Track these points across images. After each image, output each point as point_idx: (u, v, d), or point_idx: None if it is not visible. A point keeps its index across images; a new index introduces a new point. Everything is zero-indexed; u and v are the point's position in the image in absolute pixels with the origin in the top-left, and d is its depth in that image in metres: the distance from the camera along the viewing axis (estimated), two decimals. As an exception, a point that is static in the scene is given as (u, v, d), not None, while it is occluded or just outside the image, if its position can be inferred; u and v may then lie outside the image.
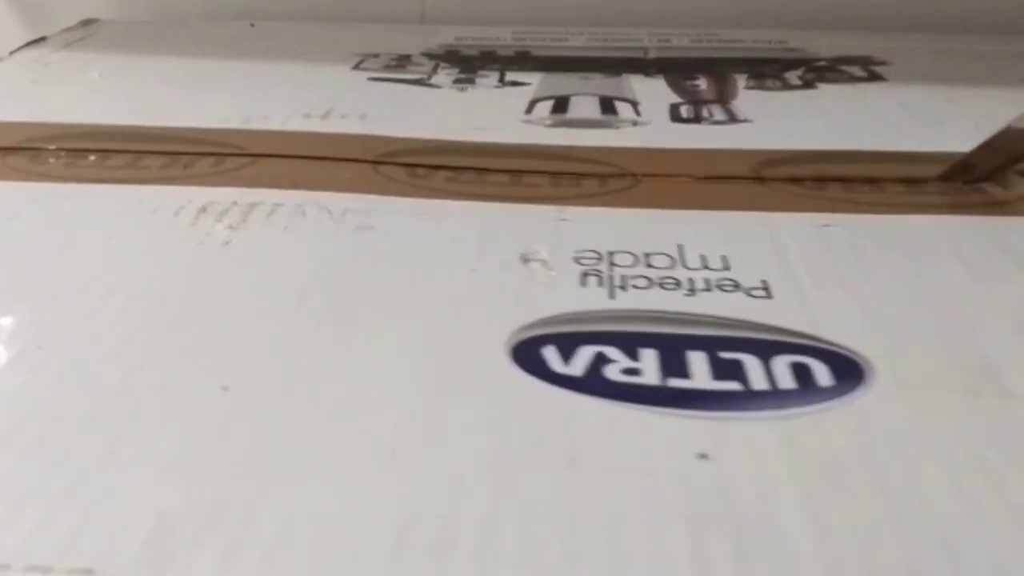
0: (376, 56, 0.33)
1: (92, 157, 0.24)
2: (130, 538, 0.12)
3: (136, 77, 0.31)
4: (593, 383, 0.15)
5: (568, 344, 0.16)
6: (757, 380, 0.15)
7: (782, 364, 0.16)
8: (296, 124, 0.26)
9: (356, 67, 0.32)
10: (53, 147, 0.25)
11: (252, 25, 0.38)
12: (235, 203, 0.22)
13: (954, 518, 0.12)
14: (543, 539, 0.12)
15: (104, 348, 0.16)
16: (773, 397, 0.15)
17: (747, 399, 0.15)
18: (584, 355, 0.16)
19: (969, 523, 0.12)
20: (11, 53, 0.34)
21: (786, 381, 0.15)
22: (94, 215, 0.21)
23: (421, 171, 0.24)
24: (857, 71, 0.32)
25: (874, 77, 0.31)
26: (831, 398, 0.15)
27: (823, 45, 0.35)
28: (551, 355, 0.16)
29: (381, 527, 0.12)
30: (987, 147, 0.23)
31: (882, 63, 0.33)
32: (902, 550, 0.12)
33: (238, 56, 0.33)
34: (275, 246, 0.20)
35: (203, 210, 0.21)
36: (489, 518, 0.12)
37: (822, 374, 0.16)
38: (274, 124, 0.26)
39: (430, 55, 0.34)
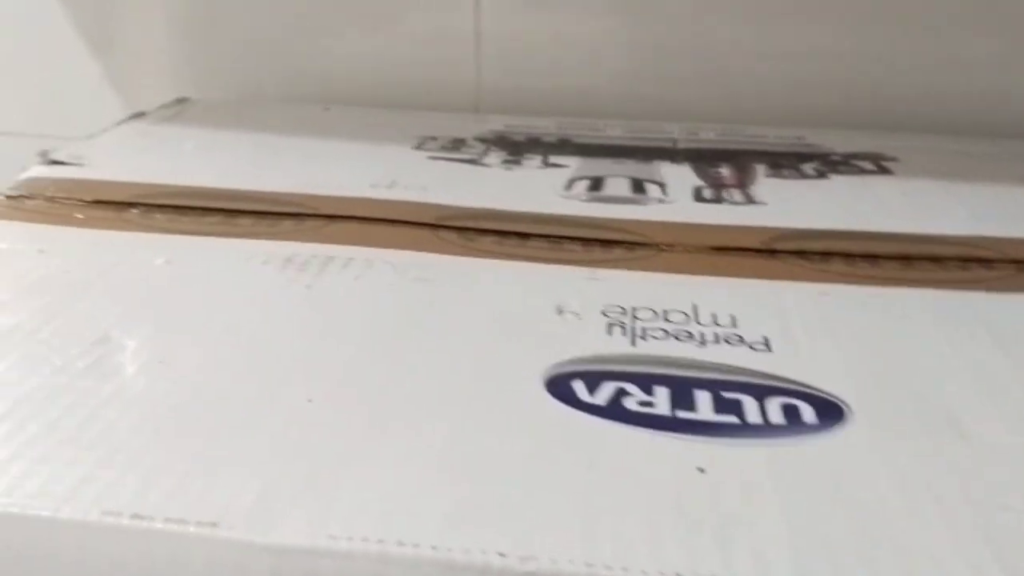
0: (435, 139, 0.38)
1: (191, 214, 0.29)
2: (243, 500, 0.15)
3: (224, 149, 0.36)
4: (614, 411, 0.18)
5: (593, 380, 0.20)
6: (752, 415, 0.18)
7: (774, 404, 0.19)
8: (365, 192, 0.30)
9: (417, 147, 0.36)
10: (159, 203, 0.29)
11: (326, 109, 0.42)
12: (314, 256, 0.25)
13: (905, 524, 0.15)
14: (566, 527, 0.15)
15: (212, 363, 0.20)
16: (765, 429, 0.18)
17: (742, 429, 0.18)
18: (607, 389, 0.19)
19: (921, 530, 0.15)
20: (117, 124, 0.39)
21: (776, 417, 0.18)
22: (197, 262, 0.25)
23: (472, 235, 0.27)
24: (867, 165, 0.35)
25: (882, 171, 0.35)
26: (814, 433, 0.18)
27: (837, 142, 0.38)
28: (579, 388, 0.19)
29: (437, 508, 0.15)
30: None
31: (891, 159, 0.36)
32: (863, 550, 0.15)
33: (313, 134, 0.37)
34: (349, 292, 0.23)
35: (288, 261, 0.25)
36: (523, 508, 0.15)
37: (808, 414, 0.18)
38: (346, 192, 0.30)
39: (482, 139, 0.38)
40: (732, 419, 0.18)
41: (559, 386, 0.19)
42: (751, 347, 0.21)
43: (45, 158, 0.33)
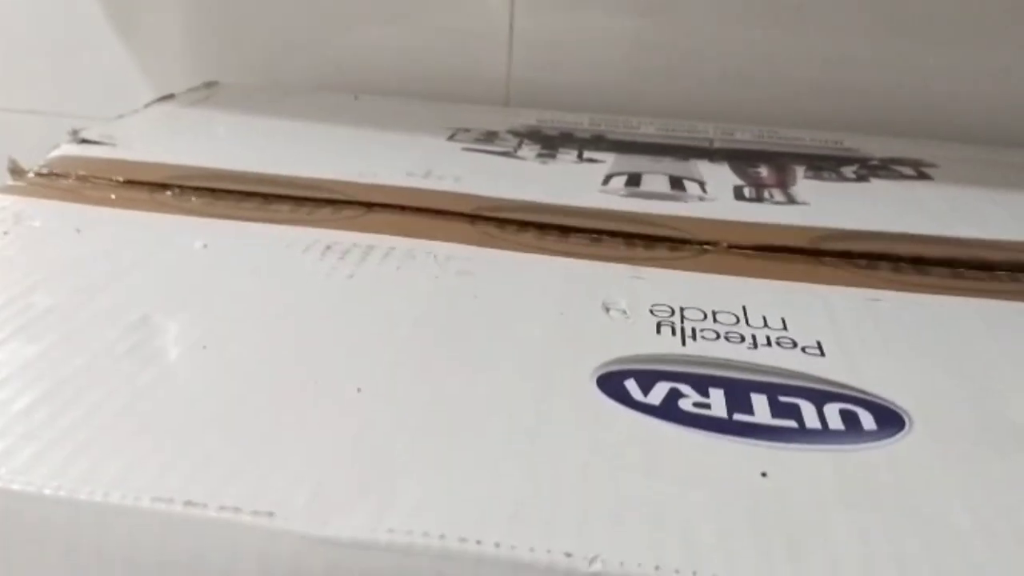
0: (467, 131, 0.37)
1: (227, 198, 0.28)
2: (299, 490, 0.15)
3: (256, 134, 0.35)
4: (669, 412, 0.18)
5: (646, 379, 0.19)
6: (810, 420, 0.18)
7: (833, 410, 0.18)
8: (401, 181, 0.30)
9: (450, 138, 0.36)
10: (193, 185, 0.29)
11: (356, 98, 0.42)
12: (355, 245, 0.25)
13: (976, 539, 0.15)
14: (631, 528, 0.15)
15: (257, 351, 0.19)
16: (824, 435, 0.18)
17: (802, 435, 0.17)
18: (661, 389, 0.19)
19: (993, 547, 0.15)
20: (146, 106, 0.38)
21: (836, 423, 0.18)
22: (236, 247, 0.25)
23: (511, 228, 0.27)
24: (907, 171, 0.35)
25: (923, 176, 0.34)
26: (875, 440, 0.17)
27: (875, 147, 0.38)
28: (632, 387, 0.19)
29: (498, 506, 0.15)
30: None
31: (930, 165, 0.35)
32: (930, 560, 0.14)
33: (346, 122, 0.37)
34: (391, 282, 0.23)
35: (328, 249, 0.25)
36: (585, 502, 0.15)
37: (867, 421, 0.18)
38: (382, 180, 0.30)
39: (515, 133, 0.38)
40: (791, 423, 0.18)
41: (611, 384, 0.19)
42: (804, 351, 0.21)
43: (76, 137, 0.32)
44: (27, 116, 0.50)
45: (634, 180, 0.32)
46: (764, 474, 0.16)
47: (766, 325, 0.22)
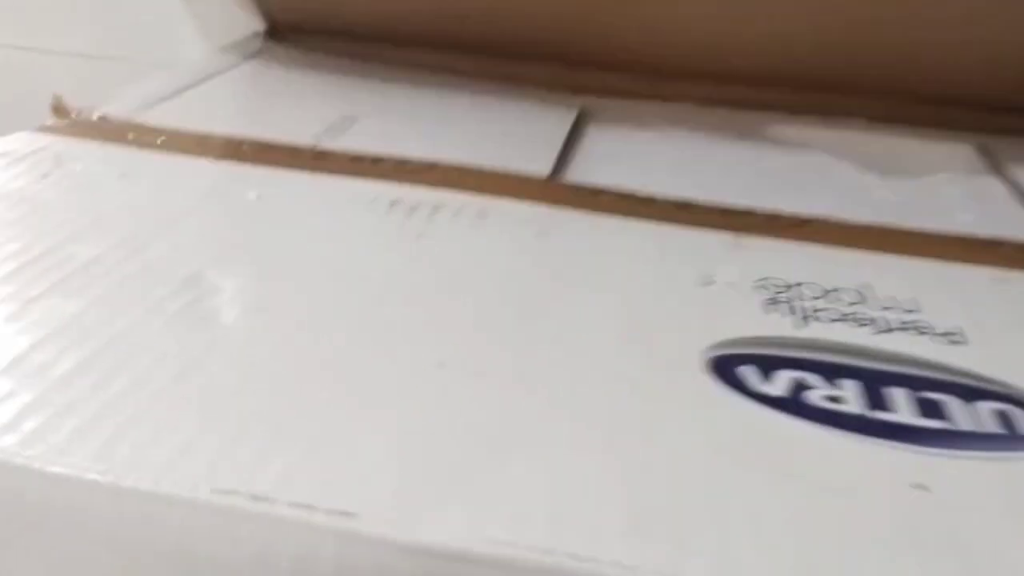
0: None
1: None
2: (381, 487, 0.12)
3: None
4: (796, 406, 0.16)
5: (765, 365, 0.17)
6: (963, 421, 0.15)
7: (985, 409, 0.16)
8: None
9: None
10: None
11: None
12: (421, 201, 0.22)
13: None
14: (775, 543, 0.12)
15: (320, 316, 0.17)
16: (981, 440, 0.15)
17: (955, 438, 0.15)
18: (783, 377, 0.16)
19: None
20: (203, 59, 0.36)
21: (992, 425, 0.15)
22: (293, 199, 0.22)
23: (591, 190, 0.24)
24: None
25: None
26: (1042, 448, 0.15)
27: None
28: (750, 374, 0.16)
29: (611, 514, 0.13)
30: None
31: None
32: None
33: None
34: (465, 244, 0.21)
35: (393, 205, 0.22)
36: (713, 515, 0.13)
37: (1027, 424, 0.15)
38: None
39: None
40: (940, 424, 0.15)
41: (725, 370, 0.16)
42: (944, 337, 0.18)
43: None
44: (73, 59, 0.48)
45: None
46: (920, 485, 0.14)
47: (896, 306, 0.19)
